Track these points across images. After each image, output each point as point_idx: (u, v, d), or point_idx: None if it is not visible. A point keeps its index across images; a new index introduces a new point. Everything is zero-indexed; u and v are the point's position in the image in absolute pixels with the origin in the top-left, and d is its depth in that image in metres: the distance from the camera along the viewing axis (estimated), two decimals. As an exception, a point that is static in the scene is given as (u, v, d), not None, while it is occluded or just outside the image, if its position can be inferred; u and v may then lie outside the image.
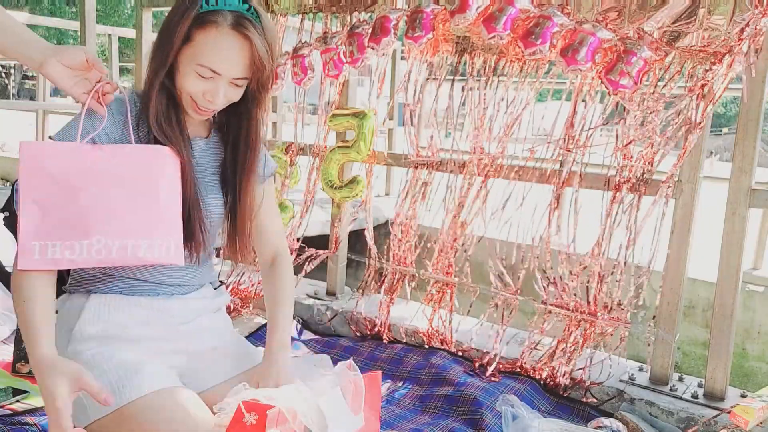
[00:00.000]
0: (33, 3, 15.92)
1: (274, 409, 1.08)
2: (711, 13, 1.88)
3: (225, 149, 1.37)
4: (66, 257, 1.13)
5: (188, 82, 1.21)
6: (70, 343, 1.26)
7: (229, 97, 1.24)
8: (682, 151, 1.96)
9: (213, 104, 1.23)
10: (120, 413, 1.17)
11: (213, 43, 1.17)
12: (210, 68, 1.18)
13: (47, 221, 1.13)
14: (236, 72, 1.20)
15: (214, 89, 1.21)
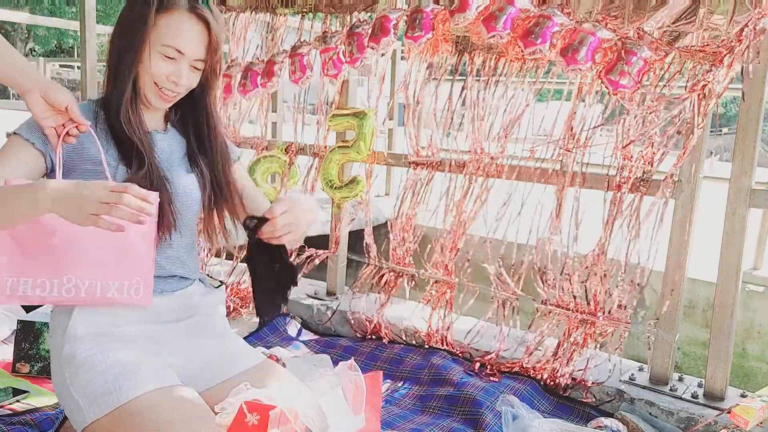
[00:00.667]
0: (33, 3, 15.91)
1: (276, 409, 1.08)
2: (711, 13, 1.88)
3: (188, 140, 1.43)
4: (36, 294, 1.20)
5: (154, 65, 1.28)
6: (65, 345, 1.26)
7: (189, 81, 1.32)
8: (682, 151, 1.96)
9: (177, 86, 1.31)
10: (118, 413, 1.16)
11: (176, 25, 1.28)
12: (175, 48, 1.28)
13: (21, 257, 1.18)
14: (198, 52, 1.30)
15: (178, 71, 1.29)
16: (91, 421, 1.18)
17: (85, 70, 3.40)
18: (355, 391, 1.28)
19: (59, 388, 1.26)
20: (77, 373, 1.22)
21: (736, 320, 2.02)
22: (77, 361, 1.22)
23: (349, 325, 2.69)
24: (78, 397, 1.20)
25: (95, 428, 1.18)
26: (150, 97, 1.33)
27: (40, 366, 2.04)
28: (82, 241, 1.22)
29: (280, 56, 2.58)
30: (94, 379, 1.20)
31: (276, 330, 2.68)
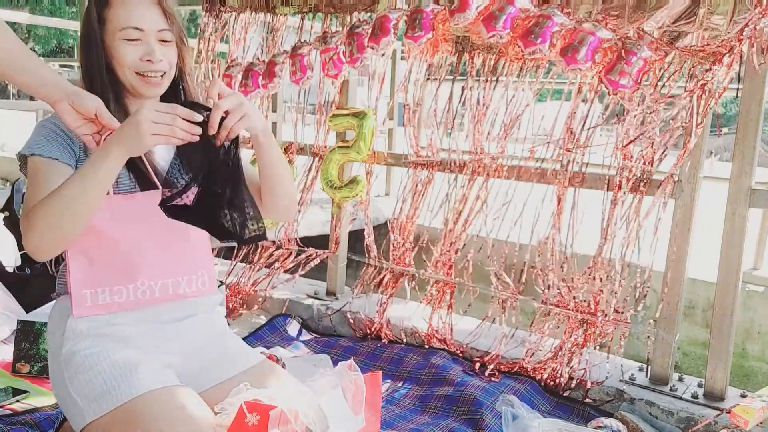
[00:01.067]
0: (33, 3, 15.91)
1: (276, 409, 1.08)
2: (711, 13, 1.88)
3: None
4: (115, 301, 1.22)
5: (123, 55, 1.26)
6: (64, 345, 1.25)
7: (166, 55, 1.29)
8: (682, 151, 1.96)
9: (154, 64, 1.27)
10: (117, 413, 1.16)
11: (122, 8, 1.26)
12: (132, 27, 1.26)
13: (95, 269, 1.21)
14: (156, 23, 1.28)
15: (148, 48, 1.27)
16: (90, 420, 1.18)
17: (85, 70, 3.40)
18: (355, 391, 1.28)
19: (58, 388, 1.26)
20: (76, 373, 1.22)
21: (736, 320, 2.02)
22: (76, 360, 1.22)
23: (349, 325, 2.69)
24: (77, 397, 1.20)
25: (94, 428, 1.18)
26: (139, 88, 1.30)
27: (40, 366, 2.04)
28: (147, 245, 1.26)
29: (280, 57, 2.58)
30: (93, 379, 1.20)
31: (276, 330, 2.68)
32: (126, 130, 1.11)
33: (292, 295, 2.90)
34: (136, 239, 1.25)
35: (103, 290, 1.21)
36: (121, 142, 1.12)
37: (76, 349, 1.24)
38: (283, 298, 2.88)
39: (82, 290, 1.20)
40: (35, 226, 1.13)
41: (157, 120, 1.09)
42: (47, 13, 15.17)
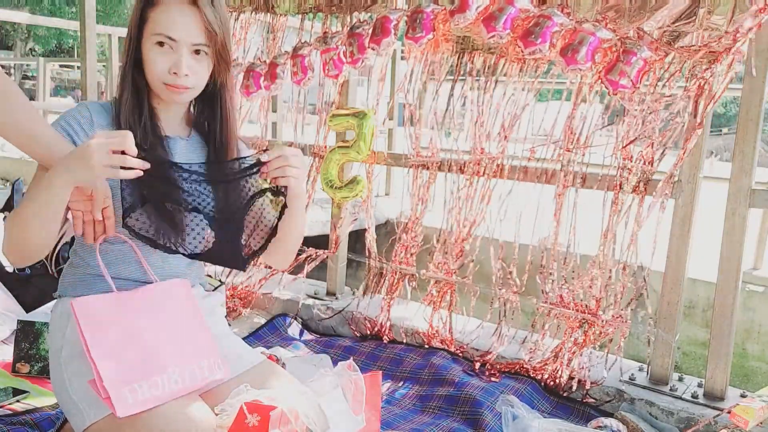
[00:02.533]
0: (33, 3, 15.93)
1: (277, 410, 1.08)
2: (711, 13, 1.88)
3: (210, 145, 1.40)
4: (153, 394, 1.17)
5: (152, 61, 1.25)
6: (64, 348, 1.26)
7: (193, 69, 1.27)
8: (682, 151, 1.96)
9: (180, 78, 1.25)
10: (114, 417, 1.15)
11: (163, 13, 1.24)
12: (165, 35, 1.24)
13: (124, 366, 1.17)
14: (191, 36, 1.25)
15: (177, 60, 1.25)
16: (90, 423, 1.18)
17: (85, 70, 3.40)
18: (355, 391, 1.28)
19: (58, 389, 1.26)
20: (76, 376, 1.22)
21: (736, 320, 2.02)
22: (76, 364, 1.22)
23: (349, 325, 2.69)
24: (77, 400, 1.20)
25: (94, 430, 1.18)
26: (161, 94, 1.30)
27: (40, 366, 2.04)
28: (168, 336, 1.25)
29: (282, 58, 2.58)
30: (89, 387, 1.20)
31: (276, 330, 2.68)
32: (76, 158, 1.09)
33: (292, 295, 2.90)
34: (156, 329, 1.24)
35: (140, 385, 1.17)
36: (70, 169, 1.09)
37: (76, 352, 1.24)
38: (283, 298, 2.88)
39: (121, 390, 1.14)
40: (6, 236, 1.18)
41: (109, 147, 1.07)
42: (47, 13, 15.18)
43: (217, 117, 1.39)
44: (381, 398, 1.69)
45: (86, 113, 1.29)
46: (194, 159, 1.38)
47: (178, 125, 1.39)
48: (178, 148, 1.36)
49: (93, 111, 1.30)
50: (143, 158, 1.13)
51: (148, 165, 1.13)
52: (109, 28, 6.40)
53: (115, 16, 16.77)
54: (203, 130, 1.41)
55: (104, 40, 8.15)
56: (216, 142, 1.39)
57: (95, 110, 1.30)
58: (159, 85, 1.28)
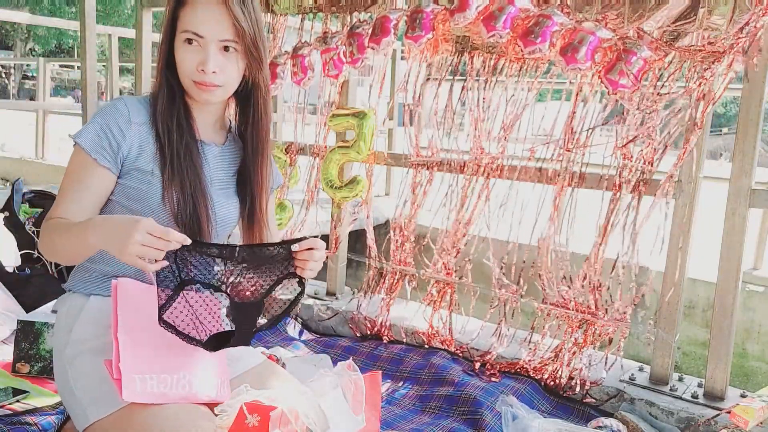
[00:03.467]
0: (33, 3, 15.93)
1: (277, 410, 1.08)
2: (711, 13, 1.88)
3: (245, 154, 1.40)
4: (160, 390, 1.18)
5: (181, 59, 1.26)
6: (68, 346, 1.26)
7: (222, 66, 1.26)
8: (682, 151, 1.96)
9: (207, 75, 1.25)
10: (120, 414, 1.16)
11: (192, 11, 1.24)
12: (192, 31, 1.24)
13: (141, 354, 1.19)
14: (218, 32, 1.24)
15: (204, 57, 1.24)
16: (93, 421, 1.18)
17: (85, 70, 3.40)
18: (355, 391, 1.28)
19: (62, 386, 1.27)
20: (80, 374, 1.22)
21: (736, 320, 2.02)
22: (79, 362, 1.23)
23: (349, 325, 2.69)
24: (81, 398, 1.21)
25: (97, 428, 1.18)
26: (192, 93, 1.30)
27: (40, 366, 2.04)
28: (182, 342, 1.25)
29: (282, 58, 2.58)
30: (96, 382, 1.20)
31: (276, 330, 2.68)
32: (116, 233, 1.09)
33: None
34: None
35: (151, 377, 1.18)
36: (106, 239, 1.11)
37: (79, 351, 1.24)
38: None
39: (133, 375, 1.16)
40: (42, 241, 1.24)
41: (147, 244, 1.07)
42: (47, 13, 15.19)
43: (249, 120, 1.38)
44: (381, 398, 1.69)
45: (125, 111, 1.28)
46: (225, 168, 1.38)
47: (213, 130, 1.39)
48: (211, 155, 1.36)
49: (131, 108, 1.29)
50: None
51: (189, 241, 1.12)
52: (109, 28, 6.41)
53: (115, 16, 16.78)
54: (240, 135, 1.41)
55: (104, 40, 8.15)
56: (250, 148, 1.38)
57: (133, 107, 1.29)
58: (189, 83, 1.28)
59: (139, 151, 1.28)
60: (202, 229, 1.29)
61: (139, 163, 1.28)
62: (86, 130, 1.26)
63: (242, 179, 1.40)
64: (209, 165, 1.35)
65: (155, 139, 1.29)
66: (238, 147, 1.43)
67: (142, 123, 1.29)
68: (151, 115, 1.30)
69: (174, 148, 1.28)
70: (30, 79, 19.89)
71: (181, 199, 1.27)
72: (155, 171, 1.28)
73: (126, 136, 1.27)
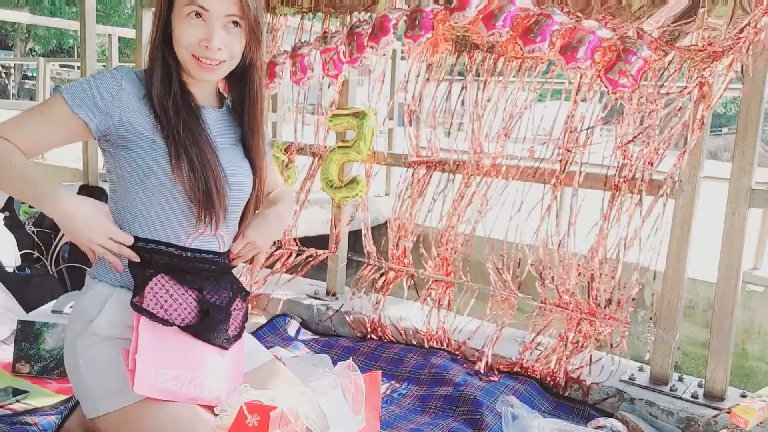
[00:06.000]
0: (33, 3, 15.93)
1: (277, 410, 1.08)
2: (711, 13, 1.88)
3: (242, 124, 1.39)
4: (171, 388, 1.20)
5: (182, 33, 1.22)
6: (84, 335, 1.24)
7: (226, 43, 1.23)
8: (682, 151, 1.96)
9: (211, 51, 1.22)
10: (127, 411, 1.18)
11: None
12: (197, 5, 1.20)
13: (160, 349, 1.21)
14: (225, 7, 1.21)
15: (208, 32, 1.21)
16: (103, 413, 1.20)
17: (85, 70, 3.40)
18: (355, 391, 1.28)
19: (72, 373, 1.26)
20: (91, 366, 1.22)
21: (736, 320, 2.02)
22: (93, 353, 1.23)
23: (349, 325, 2.69)
24: (93, 389, 1.22)
25: (106, 420, 1.20)
26: (192, 71, 1.26)
27: (40, 366, 2.04)
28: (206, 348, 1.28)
29: (281, 57, 2.58)
30: (107, 376, 1.21)
31: (276, 330, 2.68)
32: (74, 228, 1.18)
33: (292, 295, 2.90)
34: None
35: (165, 373, 1.20)
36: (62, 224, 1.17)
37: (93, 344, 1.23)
38: (283, 298, 2.88)
39: (148, 369, 1.18)
40: None
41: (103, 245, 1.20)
42: (47, 13, 15.18)
43: (246, 98, 1.36)
44: (381, 398, 1.69)
45: (117, 77, 1.24)
46: (228, 133, 1.36)
47: (209, 97, 1.36)
48: (211, 119, 1.33)
49: (125, 77, 1.25)
50: None
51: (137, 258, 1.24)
52: (109, 28, 6.40)
53: (115, 16, 16.78)
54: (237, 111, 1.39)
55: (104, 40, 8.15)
56: (246, 124, 1.37)
57: (127, 77, 1.25)
58: (188, 59, 1.24)
59: (132, 121, 1.23)
60: (215, 204, 1.26)
61: (137, 130, 1.24)
62: (74, 85, 1.23)
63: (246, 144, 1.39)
64: (211, 130, 1.31)
65: (153, 112, 1.25)
66: (233, 119, 1.40)
67: (135, 95, 1.25)
68: (146, 91, 1.26)
69: (173, 126, 1.24)
70: (30, 79, 19.88)
71: (192, 177, 1.23)
72: (156, 141, 1.24)
73: (115, 100, 1.22)
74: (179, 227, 1.27)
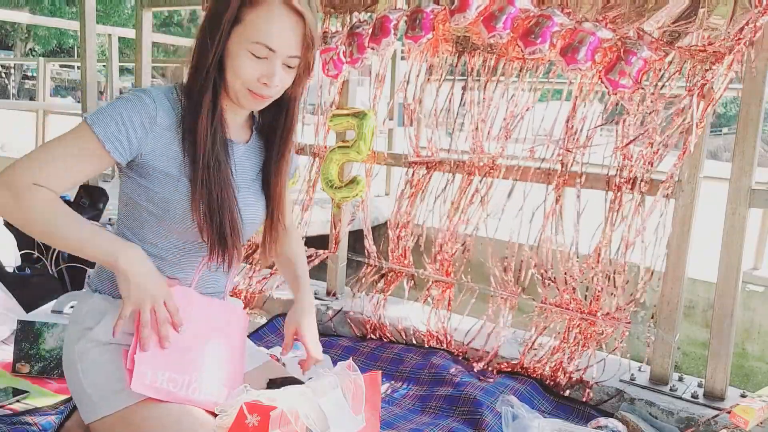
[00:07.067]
0: (33, 3, 15.93)
1: (277, 410, 1.08)
2: (711, 13, 1.88)
3: (268, 152, 1.35)
4: (168, 388, 1.19)
5: (242, 67, 1.17)
6: (83, 339, 1.23)
7: (283, 81, 1.21)
8: (682, 151, 1.96)
9: (269, 88, 1.19)
10: (127, 412, 1.18)
11: (266, 19, 1.15)
12: (266, 45, 1.15)
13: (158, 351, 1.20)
14: (291, 48, 1.18)
15: (270, 70, 1.17)
16: (101, 416, 1.19)
17: (85, 70, 3.40)
18: (355, 391, 1.28)
19: (71, 376, 1.25)
20: (89, 370, 1.21)
21: (736, 320, 2.02)
22: (90, 358, 1.22)
23: (349, 325, 2.69)
24: (91, 392, 1.21)
25: (104, 423, 1.20)
26: (242, 100, 1.22)
27: (40, 366, 2.04)
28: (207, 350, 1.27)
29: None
30: (106, 377, 1.21)
31: (276, 330, 2.68)
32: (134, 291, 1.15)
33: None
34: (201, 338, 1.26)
35: (163, 373, 1.19)
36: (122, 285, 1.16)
37: (92, 348, 1.23)
38: (284, 298, 2.88)
39: (146, 369, 1.17)
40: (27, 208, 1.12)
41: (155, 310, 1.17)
42: (47, 13, 15.18)
43: (280, 125, 1.33)
44: (381, 398, 1.69)
45: (151, 109, 1.18)
46: (249, 165, 1.33)
47: (240, 128, 1.32)
48: (237, 154, 1.30)
49: (159, 107, 1.19)
50: None
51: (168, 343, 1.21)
52: (109, 28, 6.40)
53: (115, 16, 16.78)
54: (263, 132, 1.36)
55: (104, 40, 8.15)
56: (275, 151, 1.34)
57: (161, 106, 1.19)
58: (241, 90, 1.20)
59: (161, 155, 1.20)
60: (227, 242, 1.25)
61: (161, 166, 1.20)
62: (104, 115, 1.15)
63: (267, 175, 1.36)
64: (236, 166, 1.29)
65: (183, 145, 1.20)
66: (260, 144, 1.36)
67: (168, 126, 1.20)
68: (180, 118, 1.21)
69: (206, 160, 1.20)
70: (30, 79, 19.89)
71: (208, 214, 1.21)
72: (182, 179, 1.20)
73: (148, 136, 1.17)
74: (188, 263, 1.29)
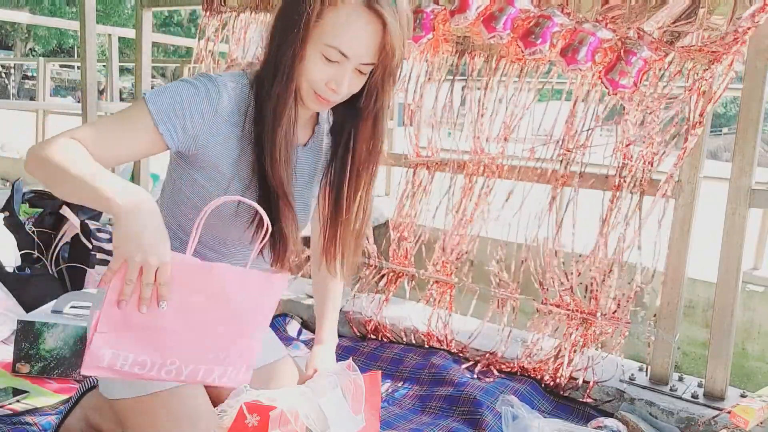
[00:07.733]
0: (33, 3, 15.94)
1: (276, 410, 1.08)
2: (711, 13, 1.88)
3: (333, 153, 1.28)
4: (134, 371, 1.04)
5: (311, 68, 1.10)
6: None
7: (351, 88, 1.14)
8: (682, 151, 1.96)
9: (336, 94, 1.13)
10: (141, 401, 1.20)
11: (345, 22, 1.07)
12: (339, 50, 1.08)
13: (127, 333, 1.02)
14: (365, 56, 1.10)
15: (339, 76, 1.11)
16: (120, 398, 1.22)
17: (85, 70, 3.40)
18: (355, 391, 1.28)
19: None
20: None
21: (736, 320, 2.02)
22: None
23: (349, 325, 2.69)
24: None
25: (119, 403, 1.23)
26: (306, 101, 1.15)
27: (40, 366, 2.04)
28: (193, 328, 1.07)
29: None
30: None
31: (276, 330, 2.68)
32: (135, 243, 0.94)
33: (292, 295, 2.90)
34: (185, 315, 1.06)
35: (126, 356, 1.02)
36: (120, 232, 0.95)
37: None
38: (283, 298, 2.88)
39: (103, 348, 1.00)
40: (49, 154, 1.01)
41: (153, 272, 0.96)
42: (47, 13, 15.19)
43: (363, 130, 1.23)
44: (381, 398, 1.69)
45: (215, 98, 1.12)
46: (307, 166, 1.28)
47: (302, 129, 1.25)
48: (300, 159, 1.26)
49: (223, 96, 1.12)
50: None
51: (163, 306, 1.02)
52: (109, 28, 6.40)
53: (115, 16, 16.79)
54: (330, 134, 1.29)
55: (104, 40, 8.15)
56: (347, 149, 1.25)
57: (226, 96, 1.13)
58: (307, 91, 1.13)
59: (216, 147, 1.14)
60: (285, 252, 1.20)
61: (215, 160, 1.15)
62: (163, 94, 1.09)
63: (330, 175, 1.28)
64: (295, 170, 1.23)
65: (251, 148, 1.15)
66: (319, 144, 1.30)
67: (228, 119, 1.14)
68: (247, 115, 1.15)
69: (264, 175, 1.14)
70: (30, 79, 19.91)
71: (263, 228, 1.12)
72: (235, 179, 1.16)
73: (206, 125, 1.12)
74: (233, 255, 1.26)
